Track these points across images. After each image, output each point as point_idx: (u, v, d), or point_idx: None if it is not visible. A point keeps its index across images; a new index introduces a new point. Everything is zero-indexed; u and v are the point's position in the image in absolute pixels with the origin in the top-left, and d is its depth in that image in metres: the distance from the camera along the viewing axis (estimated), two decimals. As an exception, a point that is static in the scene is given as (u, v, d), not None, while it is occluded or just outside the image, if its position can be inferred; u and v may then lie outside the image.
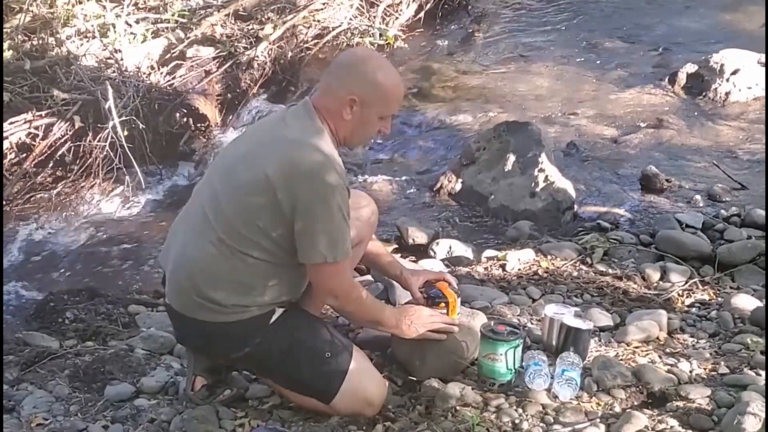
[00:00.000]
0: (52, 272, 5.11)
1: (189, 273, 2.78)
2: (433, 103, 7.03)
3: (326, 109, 2.73)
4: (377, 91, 2.72)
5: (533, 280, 4.09)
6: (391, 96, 2.77)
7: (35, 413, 3.04)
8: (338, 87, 2.72)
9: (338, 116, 2.72)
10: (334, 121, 2.73)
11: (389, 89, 2.75)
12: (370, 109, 2.73)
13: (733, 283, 4.04)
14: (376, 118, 2.76)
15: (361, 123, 2.74)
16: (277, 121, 2.82)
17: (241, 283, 2.73)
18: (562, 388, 2.91)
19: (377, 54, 2.87)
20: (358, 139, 2.86)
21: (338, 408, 2.81)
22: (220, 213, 2.72)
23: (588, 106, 6.79)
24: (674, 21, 8.49)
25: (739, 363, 3.16)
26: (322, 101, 2.75)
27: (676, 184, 5.50)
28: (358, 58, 2.91)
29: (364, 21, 7.91)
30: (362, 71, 2.73)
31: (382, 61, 2.88)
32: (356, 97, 2.68)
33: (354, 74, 2.73)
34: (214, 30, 7.27)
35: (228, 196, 2.73)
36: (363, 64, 2.77)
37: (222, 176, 2.81)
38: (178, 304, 2.83)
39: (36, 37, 6.56)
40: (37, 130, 5.97)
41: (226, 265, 2.71)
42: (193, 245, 2.78)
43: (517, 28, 8.60)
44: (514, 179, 5.31)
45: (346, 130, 2.75)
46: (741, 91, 6.76)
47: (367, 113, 2.73)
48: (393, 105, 2.81)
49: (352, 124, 2.73)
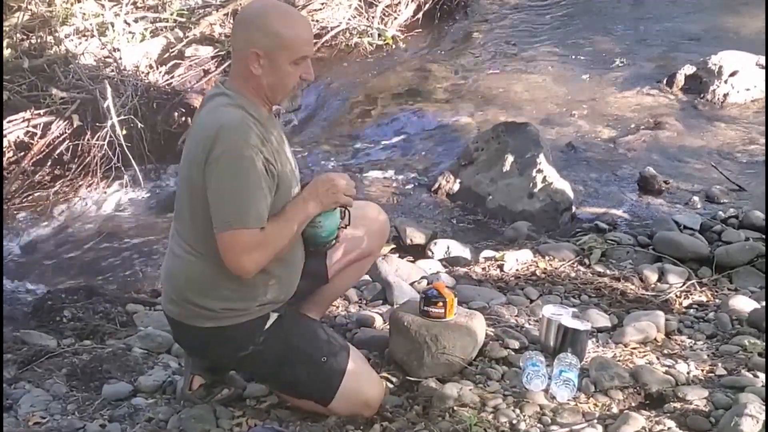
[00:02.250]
0: (50, 271, 5.11)
1: (174, 284, 2.79)
2: (432, 104, 7.04)
3: (238, 74, 2.66)
4: (275, 37, 2.58)
5: (531, 280, 4.09)
6: (292, 38, 2.61)
7: (32, 412, 3.04)
8: (240, 45, 2.63)
9: (250, 75, 2.61)
10: (248, 82, 2.63)
11: (290, 32, 2.61)
12: (278, 58, 2.60)
13: (730, 284, 4.04)
14: (288, 65, 2.62)
15: (274, 74, 2.61)
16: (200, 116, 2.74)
17: (226, 287, 2.70)
18: (560, 388, 2.91)
19: (273, 2, 2.73)
20: (280, 91, 2.68)
21: (336, 409, 2.81)
22: (184, 223, 2.73)
23: (586, 107, 6.79)
24: (673, 22, 8.49)
25: (736, 365, 3.16)
26: (234, 68, 2.70)
27: (674, 186, 5.51)
28: (253, 10, 2.77)
29: (363, 21, 7.92)
30: (256, 22, 2.62)
31: (278, 7, 2.74)
32: (257, 50, 2.58)
33: (249, 27, 2.63)
34: (213, 29, 7.28)
35: (181, 206, 2.74)
36: (256, 16, 2.66)
37: (177, 192, 2.83)
38: (172, 311, 2.83)
39: (34, 35, 6.57)
40: (36, 128, 5.98)
41: (208, 271, 2.69)
42: (173, 256, 2.78)
43: (516, 28, 8.60)
44: (512, 180, 5.32)
45: (263, 86, 2.63)
46: (739, 93, 6.76)
47: (275, 63, 2.60)
48: (299, 47, 2.63)
49: (266, 78, 2.62)
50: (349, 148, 6.49)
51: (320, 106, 7.16)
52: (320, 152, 6.38)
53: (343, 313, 3.77)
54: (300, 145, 6.35)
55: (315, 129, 6.86)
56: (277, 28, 2.59)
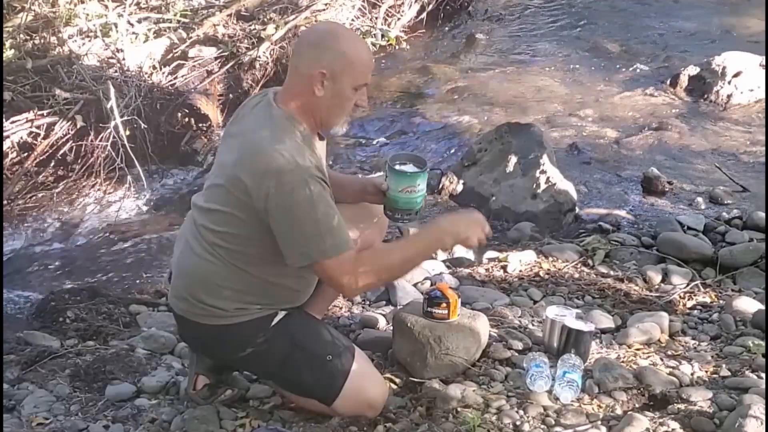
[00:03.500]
0: (53, 272, 5.11)
1: (187, 282, 2.78)
2: (435, 104, 7.04)
3: (297, 93, 2.63)
4: (345, 59, 2.58)
5: (534, 281, 4.09)
6: (361, 63, 2.64)
7: (36, 413, 3.04)
8: (305, 65, 2.61)
9: (310, 95, 2.61)
10: (306, 103, 2.63)
11: (358, 57, 2.62)
12: (342, 81, 2.60)
13: (734, 285, 4.04)
14: (351, 90, 2.63)
15: (335, 98, 2.62)
16: (246, 124, 2.71)
17: (240, 288, 2.71)
18: (564, 390, 2.91)
19: (340, 25, 2.75)
20: (336, 116, 2.69)
21: (339, 409, 2.80)
22: (209, 224, 2.71)
23: (590, 108, 6.79)
24: (676, 23, 8.49)
25: (740, 366, 3.15)
26: (291, 86, 2.66)
27: (678, 187, 5.51)
28: (322, 32, 2.79)
29: (366, 22, 7.91)
30: (327, 43, 2.61)
31: (346, 31, 2.77)
32: (325, 70, 2.56)
33: (319, 48, 2.60)
34: (216, 30, 7.27)
35: (212, 208, 2.71)
36: (328, 37, 2.66)
37: (208, 188, 2.79)
38: (180, 308, 2.83)
39: (38, 36, 6.56)
40: (39, 129, 5.97)
41: (223, 272, 2.69)
42: (189, 254, 2.77)
43: (519, 29, 8.61)
44: (515, 180, 5.31)
45: (321, 108, 2.64)
46: (743, 94, 6.76)
47: (339, 86, 2.60)
48: (365, 72, 2.66)
49: (327, 100, 2.61)
50: (352, 148, 6.49)
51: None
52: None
53: (346, 314, 3.77)
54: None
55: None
56: (347, 52, 2.60)
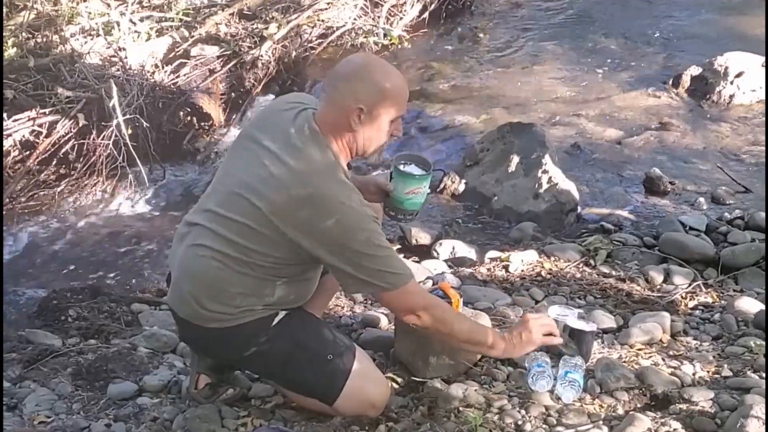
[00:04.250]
0: (55, 270, 5.12)
1: (192, 285, 2.75)
2: (437, 104, 7.03)
3: (333, 124, 2.64)
4: (383, 94, 2.61)
5: (536, 281, 4.09)
6: (398, 97, 2.66)
7: (38, 411, 3.04)
8: (343, 98, 2.61)
9: (347, 128, 2.62)
10: (342, 135, 2.65)
11: (395, 91, 2.64)
12: (380, 115, 2.62)
13: (736, 285, 4.03)
14: (388, 122, 2.67)
15: (372, 130, 2.64)
16: (284, 138, 2.67)
17: (246, 292, 2.70)
18: (566, 389, 2.91)
19: (375, 57, 2.76)
20: (374, 147, 2.71)
21: (341, 409, 2.80)
22: (222, 229, 2.67)
23: (592, 108, 6.78)
24: (679, 23, 8.48)
25: (742, 366, 3.15)
26: (327, 117, 2.66)
27: (680, 187, 5.50)
28: (358, 65, 2.77)
29: (369, 21, 7.91)
30: (364, 78, 2.63)
31: (382, 64, 2.77)
32: (363, 105, 2.58)
33: (356, 82, 2.62)
34: (219, 29, 7.27)
35: (231, 217, 2.67)
36: (364, 71, 2.67)
37: (225, 194, 2.73)
38: (181, 311, 2.81)
39: (40, 34, 6.57)
40: (41, 127, 5.98)
41: (231, 278, 2.68)
42: (195, 257, 2.73)
43: (521, 29, 8.60)
44: (517, 180, 5.31)
45: (359, 141, 2.66)
46: (745, 94, 6.75)
47: (377, 119, 2.62)
48: (401, 106, 2.68)
49: (363, 133, 2.64)
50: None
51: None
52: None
53: (348, 314, 3.77)
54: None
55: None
56: (385, 86, 2.62)
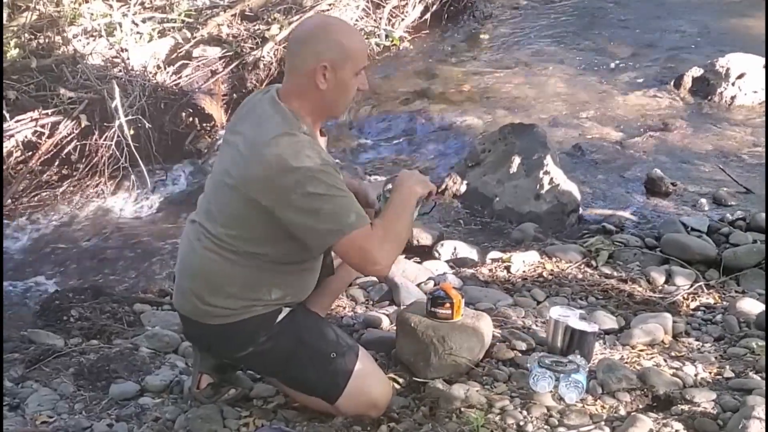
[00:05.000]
0: (57, 270, 5.12)
1: (193, 283, 2.78)
2: (439, 105, 7.03)
3: (298, 91, 2.68)
4: (343, 47, 2.65)
5: (538, 282, 4.09)
6: (359, 50, 2.72)
7: (40, 411, 3.05)
8: (304, 61, 2.65)
9: (314, 89, 2.65)
10: (309, 98, 2.67)
11: (354, 44, 2.70)
12: (344, 69, 2.66)
13: (738, 287, 4.03)
14: (352, 76, 2.69)
15: (339, 86, 2.67)
16: (250, 122, 2.74)
17: (246, 285, 2.72)
18: (568, 390, 2.91)
19: (327, 16, 2.84)
20: (342, 104, 2.78)
21: (343, 408, 2.81)
22: (215, 223, 2.72)
23: (593, 109, 6.78)
24: (680, 25, 8.49)
25: (744, 367, 3.15)
26: (291, 84, 2.70)
27: (682, 188, 5.49)
28: (313, 26, 2.84)
29: (370, 22, 7.92)
30: (322, 37, 2.66)
31: (334, 20, 2.87)
32: (326, 62, 2.62)
33: (315, 43, 2.65)
34: (221, 30, 7.28)
35: (218, 208, 2.73)
36: (320, 31, 2.71)
37: (212, 187, 2.81)
38: (184, 308, 2.84)
39: (43, 35, 6.59)
40: (43, 128, 5.99)
41: (229, 270, 2.70)
42: (194, 253, 2.78)
43: (523, 30, 8.61)
44: (519, 181, 5.31)
45: (327, 99, 2.69)
46: (746, 95, 6.75)
47: (341, 75, 2.66)
48: (363, 58, 2.73)
49: (331, 91, 2.67)
50: (356, 148, 6.49)
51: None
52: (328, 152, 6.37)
53: (350, 314, 3.77)
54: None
55: (322, 129, 6.86)
56: (342, 40, 2.67)
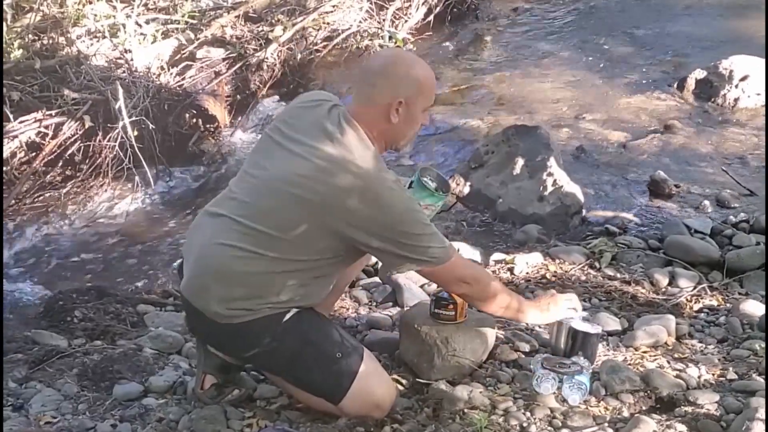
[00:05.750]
0: (61, 271, 5.13)
1: (215, 280, 2.75)
2: (442, 106, 7.02)
3: (369, 119, 2.73)
4: (419, 86, 2.75)
5: (541, 283, 4.08)
6: (431, 87, 2.83)
7: (44, 411, 3.04)
8: (381, 94, 2.73)
9: (385, 122, 2.73)
10: (378, 128, 2.75)
11: (428, 82, 2.80)
12: (416, 106, 2.76)
13: (741, 289, 4.03)
14: (421, 113, 2.81)
15: (408, 122, 2.77)
16: (317, 132, 2.72)
17: (271, 291, 2.72)
18: (571, 392, 2.91)
19: (403, 51, 2.93)
20: (408, 138, 2.90)
21: (346, 409, 2.81)
22: (254, 224, 2.69)
23: (597, 111, 6.78)
24: (684, 27, 8.47)
25: (747, 369, 3.15)
26: (363, 111, 2.75)
27: (685, 190, 5.49)
28: (392, 58, 2.96)
29: (374, 24, 7.92)
30: (400, 72, 2.76)
31: (412, 57, 2.96)
32: (402, 99, 2.72)
33: (394, 77, 2.75)
34: (224, 31, 7.28)
35: (264, 211, 2.70)
36: (400, 65, 2.80)
37: (257, 187, 2.77)
38: (196, 301, 2.80)
39: (46, 36, 6.59)
40: (47, 129, 5.99)
41: (256, 270, 2.70)
42: (219, 247, 2.73)
43: (526, 32, 8.60)
44: (522, 183, 5.31)
45: (395, 133, 2.79)
46: (750, 98, 6.74)
47: (413, 111, 2.76)
48: (432, 95, 2.85)
49: (400, 125, 2.76)
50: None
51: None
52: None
53: (353, 315, 3.77)
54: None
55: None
56: (420, 78, 2.77)
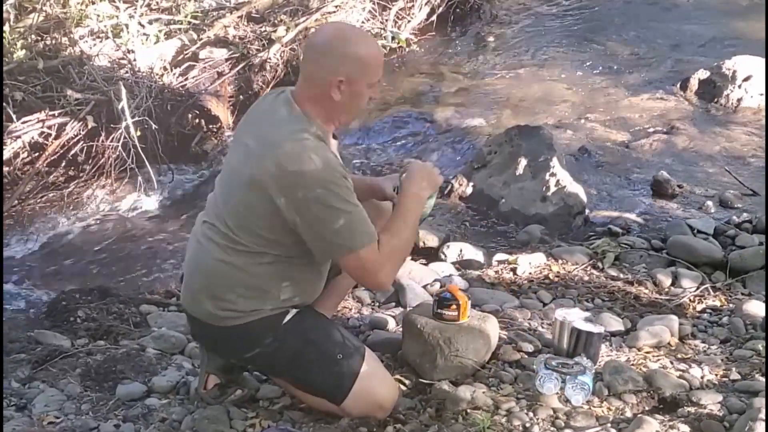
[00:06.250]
0: (64, 271, 5.13)
1: (203, 283, 2.79)
2: (445, 107, 7.03)
3: (313, 97, 2.68)
4: (361, 64, 2.67)
5: (544, 284, 4.09)
6: (375, 64, 2.72)
7: (47, 411, 3.06)
8: (321, 72, 2.66)
9: (328, 100, 2.66)
10: (324, 106, 2.68)
11: (371, 58, 2.70)
12: (358, 84, 2.68)
13: (744, 289, 4.03)
14: (366, 89, 2.72)
15: (352, 99, 2.70)
16: (263, 121, 2.77)
17: (257, 287, 2.73)
18: (574, 392, 2.91)
19: (347, 26, 2.82)
20: (353, 113, 2.84)
21: (349, 409, 2.81)
22: (226, 222, 2.73)
23: (600, 111, 6.78)
24: (687, 27, 8.47)
25: (750, 369, 3.15)
26: (306, 91, 2.70)
27: (688, 190, 5.49)
28: (330, 36, 2.80)
29: (377, 24, 7.91)
30: (341, 49, 2.66)
31: (353, 31, 2.88)
32: (343, 77, 2.63)
33: (333, 55, 2.66)
34: (227, 32, 7.28)
35: (229, 207, 2.74)
36: (339, 42, 2.69)
37: (223, 186, 2.82)
38: (193, 309, 2.85)
39: (49, 36, 6.58)
40: (50, 129, 5.98)
41: (240, 270, 2.71)
42: (205, 253, 2.79)
43: (529, 32, 8.60)
44: (525, 183, 5.31)
45: (340, 110, 2.72)
46: (753, 98, 6.74)
47: (356, 88, 2.68)
48: (378, 71, 2.75)
49: (344, 103, 2.68)
50: (362, 151, 6.49)
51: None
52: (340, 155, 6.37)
53: (356, 315, 3.78)
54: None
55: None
56: (361, 54, 2.68)
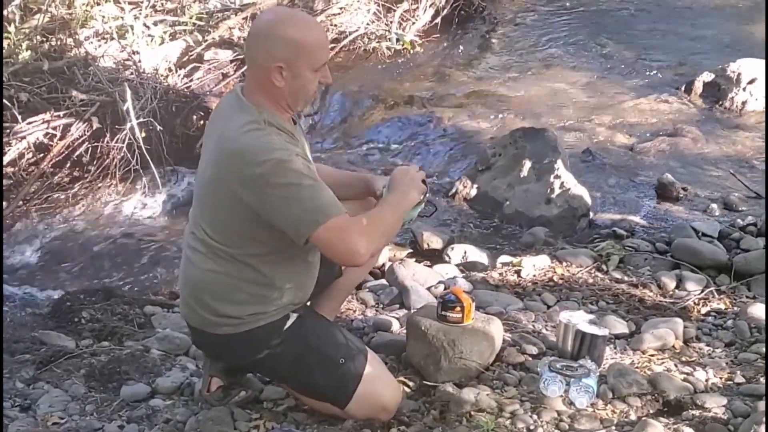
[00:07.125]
0: (69, 272, 5.13)
1: (193, 293, 2.79)
2: (449, 109, 7.03)
3: (258, 85, 2.64)
4: (298, 49, 2.58)
5: (548, 286, 4.08)
6: (315, 47, 2.62)
7: (51, 412, 3.07)
8: (259, 59, 2.62)
9: (272, 87, 2.60)
10: (269, 94, 2.63)
11: (309, 41, 2.60)
12: (300, 69, 2.60)
13: (749, 292, 4.01)
14: (310, 73, 2.63)
15: (296, 84, 2.62)
16: (218, 120, 2.75)
17: (247, 291, 2.72)
18: (578, 394, 2.91)
19: (284, 10, 2.71)
20: (302, 99, 2.70)
21: (353, 412, 2.81)
22: (203, 229, 2.72)
23: (604, 114, 6.77)
24: (691, 30, 8.47)
25: (755, 372, 3.15)
26: (252, 81, 2.67)
27: (692, 193, 5.48)
28: (267, 23, 2.72)
29: (381, 26, 7.92)
30: (276, 35, 2.59)
31: (292, 16, 2.77)
32: (281, 63, 2.57)
33: (269, 41, 2.59)
34: (232, 33, 7.30)
35: (204, 212, 2.74)
36: (274, 28, 2.62)
37: (196, 193, 2.83)
38: (193, 320, 2.85)
39: (54, 37, 6.59)
40: (55, 130, 5.99)
41: (229, 279, 2.71)
42: (192, 265, 2.79)
43: (534, 34, 8.59)
44: (529, 185, 5.30)
45: (285, 96, 2.64)
46: (758, 101, 6.73)
47: (298, 73, 2.60)
48: (320, 54, 2.65)
49: (289, 88, 2.62)
50: (367, 152, 6.49)
51: (338, 110, 7.16)
52: (338, 156, 6.38)
53: (359, 317, 3.78)
54: (317, 148, 6.36)
55: (333, 133, 6.87)
56: (298, 39, 2.58)
